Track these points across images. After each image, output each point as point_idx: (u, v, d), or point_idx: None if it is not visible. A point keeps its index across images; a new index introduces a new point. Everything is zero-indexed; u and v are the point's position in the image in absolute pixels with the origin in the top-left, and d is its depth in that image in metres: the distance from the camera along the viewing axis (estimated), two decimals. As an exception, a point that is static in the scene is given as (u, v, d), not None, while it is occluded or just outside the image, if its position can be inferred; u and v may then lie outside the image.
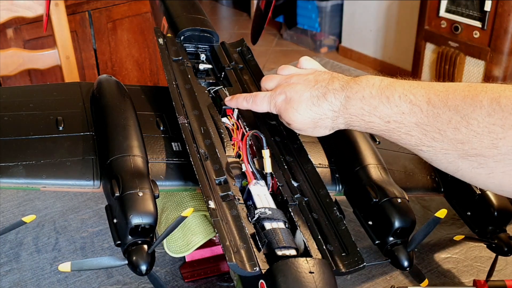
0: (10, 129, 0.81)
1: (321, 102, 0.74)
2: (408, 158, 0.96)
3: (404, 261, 0.76)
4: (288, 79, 0.80)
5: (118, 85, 0.91)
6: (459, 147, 0.63)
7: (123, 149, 0.77)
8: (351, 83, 0.73)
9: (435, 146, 0.66)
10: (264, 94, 0.81)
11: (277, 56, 3.94)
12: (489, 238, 0.85)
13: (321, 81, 0.76)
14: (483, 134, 0.61)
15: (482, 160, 0.62)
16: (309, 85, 0.76)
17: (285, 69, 0.84)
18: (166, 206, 0.85)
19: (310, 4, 3.86)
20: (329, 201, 0.75)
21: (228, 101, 0.87)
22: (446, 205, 0.89)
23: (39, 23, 2.19)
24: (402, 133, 0.68)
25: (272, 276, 0.62)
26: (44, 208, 1.08)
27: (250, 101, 0.83)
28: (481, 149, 0.62)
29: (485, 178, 0.64)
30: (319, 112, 0.74)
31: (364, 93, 0.71)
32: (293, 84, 0.78)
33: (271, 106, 0.80)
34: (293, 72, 0.83)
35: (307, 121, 0.76)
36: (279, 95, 0.78)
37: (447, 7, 2.72)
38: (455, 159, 0.65)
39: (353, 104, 0.71)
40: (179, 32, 1.04)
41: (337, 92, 0.73)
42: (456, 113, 0.63)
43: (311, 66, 0.84)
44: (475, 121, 0.62)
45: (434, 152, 0.66)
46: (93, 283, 0.91)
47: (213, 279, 0.92)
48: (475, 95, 0.63)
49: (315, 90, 0.75)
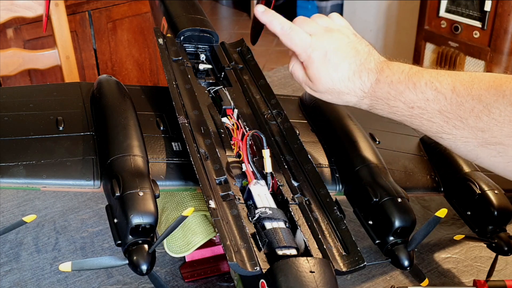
0: (10, 129, 0.81)
1: (355, 78, 0.73)
2: (408, 158, 0.96)
3: (405, 261, 0.76)
4: (331, 32, 0.76)
5: (118, 85, 0.91)
6: (479, 135, 0.65)
7: (123, 149, 0.77)
8: (384, 66, 0.73)
9: (456, 134, 0.67)
10: (304, 35, 0.76)
11: (277, 56, 3.94)
12: (489, 237, 0.85)
13: (361, 53, 0.74)
14: (504, 123, 0.62)
15: (501, 149, 0.64)
16: (349, 55, 0.74)
17: (325, 18, 0.79)
18: (167, 206, 0.85)
19: (310, 4, 3.85)
20: (330, 201, 0.75)
21: (261, 12, 0.79)
22: (446, 205, 0.89)
23: (39, 23, 2.19)
24: (424, 119, 0.69)
25: (272, 276, 0.62)
26: (44, 208, 1.08)
27: (286, 27, 0.77)
28: (501, 137, 0.63)
29: (504, 166, 0.65)
30: (350, 87, 0.74)
31: (393, 78, 0.71)
32: (335, 44, 0.75)
33: (303, 53, 0.75)
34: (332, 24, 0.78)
35: (334, 89, 0.75)
36: (319, 48, 0.75)
37: (447, 7, 2.72)
38: (475, 147, 0.66)
39: (380, 87, 0.72)
40: (179, 32, 1.04)
41: (371, 72, 0.73)
42: (479, 102, 0.64)
43: (344, 23, 0.79)
44: (497, 110, 0.63)
45: (454, 139, 0.68)
46: (93, 283, 0.91)
47: (213, 279, 0.92)
48: (499, 85, 0.64)
49: (353, 63, 0.73)
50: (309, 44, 0.75)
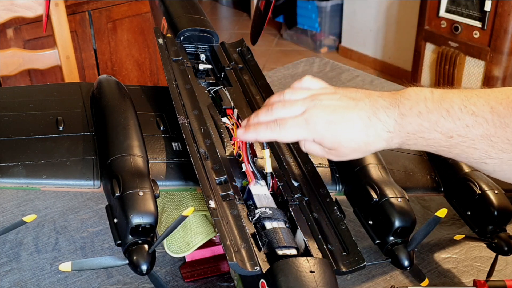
0: (10, 129, 0.81)
1: (374, 122, 0.66)
2: (408, 158, 0.96)
3: (405, 261, 0.76)
4: (316, 100, 0.70)
5: (118, 85, 0.91)
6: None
7: (124, 149, 0.77)
8: (399, 98, 0.66)
9: (503, 157, 0.62)
10: (295, 119, 0.69)
11: (277, 56, 3.94)
12: (489, 237, 0.85)
13: (360, 99, 0.68)
14: None
15: None
16: (350, 105, 0.68)
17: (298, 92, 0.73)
18: (167, 206, 0.85)
19: (310, 4, 3.85)
20: (330, 201, 0.75)
21: (243, 134, 0.73)
22: (446, 205, 0.89)
23: (39, 23, 2.19)
24: (466, 147, 0.64)
25: (273, 276, 0.62)
26: (44, 208, 1.08)
27: (276, 129, 0.70)
28: None
29: None
30: (373, 134, 0.66)
31: (420, 108, 0.64)
32: (330, 105, 0.68)
33: (308, 133, 0.69)
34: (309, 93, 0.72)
35: (360, 145, 0.68)
36: (318, 118, 0.68)
37: (447, 7, 2.72)
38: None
39: (410, 122, 0.65)
40: (179, 32, 1.04)
41: (388, 109, 0.66)
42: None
43: (319, 85, 0.74)
44: None
45: (500, 163, 0.63)
46: (93, 283, 0.91)
47: (213, 279, 0.92)
48: None
49: (361, 111, 0.67)
50: (305, 121, 0.68)
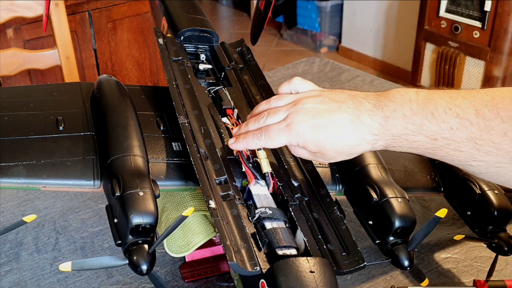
0: (10, 129, 0.81)
1: (357, 126, 0.66)
2: (408, 158, 0.96)
3: (405, 261, 0.76)
4: (298, 105, 0.69)
5: (118, 85, 0.91)
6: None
7: (124, 149, 0.77)
8: (384, 100, 0.66)
9: (488, 160, 0.62)
10: (278, 126, 0.70)
11: (277, 56, 3.94)
12: (489, 237, 0.85)
13: (344, 101, 0.67)
14: None
15: None
16: (333, 108, 0.67)
17: (283, 98, 0.73)
18: (167, 206, 0.85)
19: (310, 4, 3.86)
20: (330, 201, 0.76)
21: (233, 144, 0.75)
22: (446, 205, 0.89)
23: (39, 23, 2.19)
24: (451, 150, 0.63)
25: (273, 276, 0.62)
26: (44, 208, 1.08)
27: (261, 137, 0.71)
28: None
29: None
30: (358, 137, 0.66)
31: (404, 111, 0.64)
32: (312, 109, 0.68)
33: (291, 138, 0.69)
34: (293, 98, 0.72)
35: (344, 149, 0.67)
36: (300, 124, 0.68)
37: (447, 7, 2.72)
38: (510, 171, 0.62)
39: (394, 124, 0.64)
40: (179, 32, 1.04)
41: (372, 112, 0.65)
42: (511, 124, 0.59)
43: (307, 87, 0.74)
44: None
45: (485, 166, 0.63)
46: (93, 283, 0.91)
47: (213, 279, 0.92)
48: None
49: (344, 114, 0.66)
50: (288, 127, 0.68)
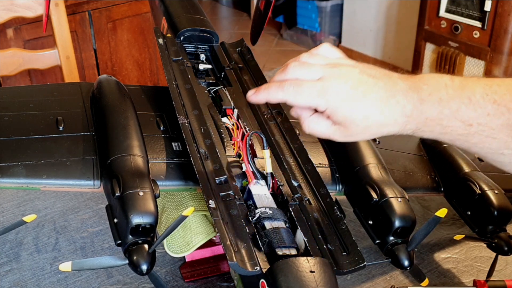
0: (10, 129, 0.81)
1: (392, 105, 0.63)
2: (408, 158, 0.96)
3: (405, 261, 0.76)
4: (336, 69, 0.65)
5: (118, 85, 0.91)
6: None
7: (124, 149, 0.77)
8: (418, 83, 0.64)
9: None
10: (311, 83, 0.64)
11: (277, 56, 3.94)
12: (489, 237, 0.85)
13: (379, 78, 0.64)
14: None
15: None
16: (370, 83, 0.64)
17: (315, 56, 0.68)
18: (167, 206, 0.85)
19: (310, 4, 3.85)
20: (330, 201, 0.75)
21: (253, 96, 0.68)
22: (446, 205, 0.89)
23: (39, 23, 2.19)
24: (484, 137, 0.62)
25: (273, 276, 0.62)
26: (44, 208, 1.08)
27: (289, 89, 0.64)
28: None
29: None
30: (389, 117, 0.63)
31: (440, 95, 0.62)
32: (350, 79, 0.64)
33: (322, 101, 0.63)
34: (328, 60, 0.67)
35: (372, 126, 0.64)
36: (336, 90, 0.63)
37: (447, 7, 2.72)
38: None
39: (429, 108, 0.62)
40: (179, 32, 1.04)
41: (407, 93, 0.63)
42: None
43: (337, 55, 0.70)
44: None
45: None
46: (93, 283, 0.91)
47: (213, 279, 0.92)
48: None
49: (380, 90, 0.63)
50: (323, 89, 0.63)
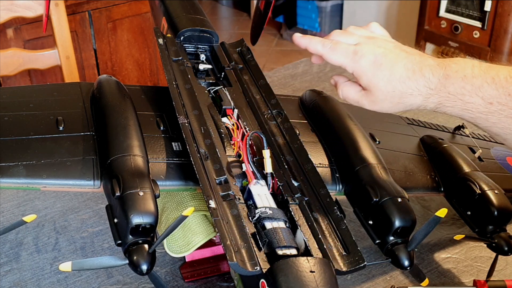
0: (10, 129, 0.81)
1: (417, 76, 0.69)
2: (408, 158, 0.96)
3: (405, 261, 0.75)
4: (372, 39, 0.73)
5: (118, 85, 0.91)
6: None
7: (124, 148, 0.77)
8: (448, 62, 0.69)
9: None
10: (346, 46, 0.73)
11: (277, 56, 3.94)
12: (489, 237, 0.85)
13: (412, 53, 0.71)
14: None
15: None
16: (401, 56, 0.70)
17: (361, 29, 0.77)
18: (167, 206, 0.85)
19: (310, 4, 3.85)
20: (330, 201, 0.75)
21: (299, 38, 0.77)
22: (446, 205, 0.89)
23: (39, 23, 2.19)
24: (503, 116, 0.66)
25: (273, 276, 0.62)
26: (44, 208, 1.08)
27: (327, 45, 0.74)
28: None
29: None
30: (413, 86, 0.69)
31: (466, 73, 0.67)
32: (382, 48, 0.71)
33: (351, 63, 0.72)
34: (371, 34, 0.76)
35: (395, 93, 0.70)
36: (367, 54, 0.71)
37: (447, 7, 2.72)
38: None
39: (452, 82, 0.67)
40: (179, 32, 1.04)
41: (434, 68, 0.69)
42: None
43: (382, 33, 0.77)
44: None
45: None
46: (93, 283, 0.91)
47: (213, 279, 0.92)
48: None
49: (409, 62, 0.70)
50: (355, 51, 0.72)
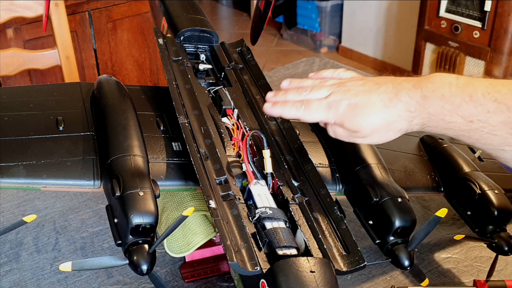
0: (10, 129, 0.81)
1: (394, 102, 0.69)
2: (408, 158, 0.96)
3: (405, 261, 0.76)
4: (341, 86, 0.74)
5: (118, 85, 0.91)
6: None
7: (124, 149, 0.77)
8: (424, 81, 0.69)
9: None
10: (319, 102, 0.74)
11: (277, 56, 3.94)
12: (489, 237, 0.85)
13: (384, 83, 0.71)
14: None
15: None
16: (373, 89, 0.71)
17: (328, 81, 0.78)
18: (167, 206, 0.85)
19: (310, 4, 3.86)
20: (330, 201, 0.75)
21: (269, 108, 0.78)
22: (446, 205, 0.89)
23: (39, 23, 2.19)
24: (485, 133, 0.66)
25: (273, 276, 0.62)
26: (44, 208, 1.08)
27: (301, 108, 0.75)
28: None
29: None
30: (394, 113, 0.70)
31: (443, 91, 0.67)
32: (353, 90, 0.73)
33: (329, 115, 0.73)
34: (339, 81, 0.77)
35: (380, 126, 0.71)
36: (340, 102, 0.72)
37: (447, 7, 2.72)
38: None
39: (432, 103, 0.67)
40: (179, 32, 1.04)
41: (410, 91, 0.69)
42: None
43: (352, 75, 0.79)
44: None
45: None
46: (93, 283, 0.91)
47: (213, 279, 0.92)
48: None
49: (382, 93, 0.70)
50: (328, 104, 0.73)
